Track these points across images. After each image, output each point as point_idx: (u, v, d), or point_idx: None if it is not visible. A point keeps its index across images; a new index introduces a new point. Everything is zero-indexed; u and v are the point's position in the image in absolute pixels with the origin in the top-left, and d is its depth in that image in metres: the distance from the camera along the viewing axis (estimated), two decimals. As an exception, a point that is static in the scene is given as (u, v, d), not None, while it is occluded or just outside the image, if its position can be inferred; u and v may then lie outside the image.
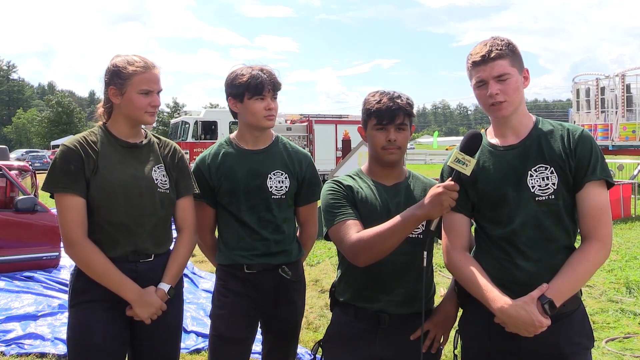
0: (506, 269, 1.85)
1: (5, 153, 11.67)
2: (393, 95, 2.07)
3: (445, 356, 4.07)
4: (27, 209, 6.11)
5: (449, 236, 1.99)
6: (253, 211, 2.42)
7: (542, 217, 1.83)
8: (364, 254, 1.93)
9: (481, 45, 1.89)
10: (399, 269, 2.04)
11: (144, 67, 2.21)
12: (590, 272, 1.83)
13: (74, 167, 2.13)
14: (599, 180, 1.82)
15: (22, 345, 4.22)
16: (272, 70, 2.45)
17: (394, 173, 2.15)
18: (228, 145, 2.51)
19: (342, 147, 16.12)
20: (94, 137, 2.23)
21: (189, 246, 2.36)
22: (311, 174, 2.55)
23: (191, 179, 2.40)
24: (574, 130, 1.88)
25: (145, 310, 2.16)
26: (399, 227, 1.88)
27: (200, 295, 5.63)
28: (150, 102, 2.22)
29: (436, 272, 6.40)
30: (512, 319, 1.74)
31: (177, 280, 2.30)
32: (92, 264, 2.13)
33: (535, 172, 1.85)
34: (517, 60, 1.88)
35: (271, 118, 2.42)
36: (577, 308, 1.89)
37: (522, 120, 1.93)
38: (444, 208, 1.84)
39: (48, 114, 56.31)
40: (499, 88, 1.84)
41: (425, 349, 2.07)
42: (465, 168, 1.82)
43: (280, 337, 2.54)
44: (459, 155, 1.85)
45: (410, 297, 2.06)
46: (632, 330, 4.57)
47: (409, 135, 2.13)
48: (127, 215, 2.17)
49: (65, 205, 2.12)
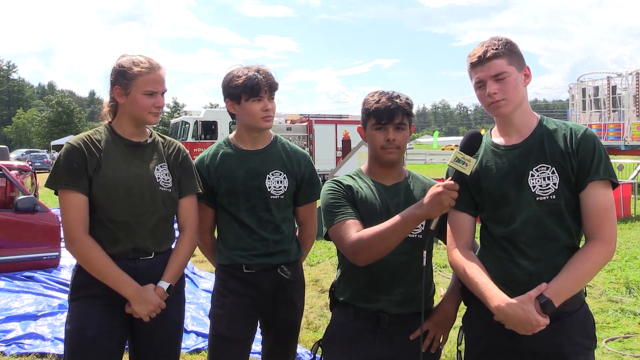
0: (507, 268, 1.86)
1: (5, 153, 11.69)
2: (392, 95, 2.08)
3: (445, 356, 4.09)
4: (27, 209, 6.11)
5: (453, 235, 1.99)
6: (252, 211, 2.42)
7: (543, 217, 1.83)
8: (364, 253, 1.94)
9: (479, 46, 1.91)
10: (398, 268, 2.05)
11: (149, 68, 2.23)
12: (592, 272, 1.82)
13: (77, 165, 2.16)
14: (602, 180, 1.80)
15: (22, 345, 4.22)
16: (269, 71, 2.44)
17: (394, 173, 2.16)
18: (227, 146, 2.51)
19: (342, 147, 16.14)
20: (98, 136, 2.27)
21: (190, 245, 2.37)
22: (310, 174, 2.55)
23: (195, 178, 2.41)
24: (577, 129, 1.86)
25: (144, 307, 2.17)
26: (399, 227, 1.89)
27: (200, 295, 5.64)
28: (154, 102, 2.25)
29: (436, 272, 6.40)
30: (509, 317, 1.75)
31: (177, 279, 2.30)
32: (91, 260, 2.15)
33: (536, 172, 1.84)
34: (516, 58, 1.88)
35: (268, 119, 2.42)
36: (579, 308, 1.88)
37: (525, 118, 1.92)
38: (444, 207, 1.86)
39: (48, 114, 56.30)
40: (497, 87, 1.86)
41: (425, 348, 2.07)
42: (465, 167, 1.84)
43: (280, 337, 2.54)
44: (458, 155, 1.86)
45: (410, 297, 2.06)
46: (632, 330, 4.58)
47: (408, 135, 2.13)
48: (128, 213, 2.19)
49: (67, 202, 2.15)
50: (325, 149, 20.84)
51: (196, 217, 2.39)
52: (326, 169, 17.44)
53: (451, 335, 2.18)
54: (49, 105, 58.88)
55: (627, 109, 16.30)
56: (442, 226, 2.09)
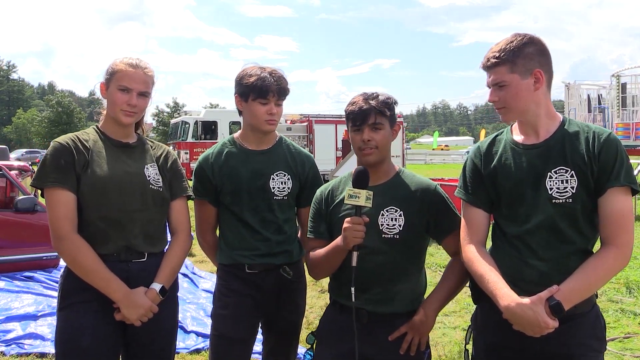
0: (517, 267, 1.85)
1: (5, 153, 11.68)
2: (368, 96, 2.09)
3: (443, 357, 4.09)
4: (27, 209, 6.10)
5: (467, 229, 1.99)
6: (255, 211, 2.42)
7: (557, 220, 1.81)
8: (312, 271, 2.22)
9: (491, 48, 1.90)
10: (374, 268, 2.05)
11: (130, 64, 2.19)
12: (605, 278, 1.79)
13: (65, 162, 2.11)
14: (622, 186, 1.77)
15: (22, 345, 4.23)
16: (283, 76, 2.43)
17: (377, 174, 2.13)
18: (231, 145, 2.50)
19: (342, 147, 16.12)
20: (86, 136, 2.23)
21: (183, 248, 2.32)
22: (314, 176, 2.55)
23: (185, 181, 2.38)
24: (600, 133, 1.82)
25: (133, 311, 2.09)
26: (330, 255, 2.07)
27: (200, 295, 5.63)
28: (128, 100, 2.16)
29: (436, 272, 6.40)
30: (517, 317, 1.74)
31: (170, 282, 2.25)
32: (80, 260, 2.08)
33: (554, 174, 1.82)
34: (521, 64, 1.83)
35: (272, 123, 2.41)
36: (589, 310, 1.86)
37: (542, 122, 1.89)
38: (350, 242, 1.93)
39: (48, 114, 56.21)
40: (497, 95, 1.87)
41: (403, 351, 2.06)
42: (359, 200, 1.93)
43: (281, 337, 2.54)
44: (350, 192, 1.95)
45: (389, 297, 2.07)
46: (632, 330, 4.59)
47: (387, 134, 2.10)
48: (118, 210, 2.14)
49: (55, 200, 2.08)
50: (325, 149, 20.83)
51: (188, 220, 2.37)
52: (326, 169, 17.40)
53: (458, 335, 2.17)
54: (49, 105, 58.78)
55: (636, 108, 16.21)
56: (441, 231, 2.11)
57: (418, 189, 2.12)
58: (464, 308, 5.05)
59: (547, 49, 1.88)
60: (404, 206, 2.07)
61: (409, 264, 2.11)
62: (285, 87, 2.42)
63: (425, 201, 2.09)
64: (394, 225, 2.05)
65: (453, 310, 5.01)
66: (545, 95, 1.88)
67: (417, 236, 2.10)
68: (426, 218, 2.09)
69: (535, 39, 1.86)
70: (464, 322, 4.70)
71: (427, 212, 2.09)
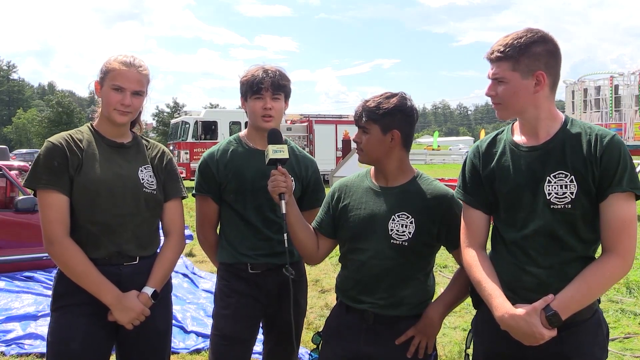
0: (516, 274, 1.80)
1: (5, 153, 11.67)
2: (366, 99, 2.11)
3: (443, 357, 4.09)
4: (27, 209, 6.10)
5: (467, 232, 1.94)
6: (259, 211, 2.42)
7: (556, 226, 1.75)
8: None
9: (498, 40, 1.84)
10: (381, 273, 2.04)
11: (124, 63, 2.16)
12: (605, 287, 1.74)
13: (58, 164, 2.07)
14: (625, 192, 1.69)
15: (22, 345, 4.23)
16: (280, 71, 2.44)
17: (387, 176, 2.12)
18: (237, 144, 2.51)
19: (342, 147, 16.16)
20: (80, 135, 2.19)
21: (176, 250, 2.29)
22: (316, 180, 2.57)
23: (180, 182, 2.37)
24: (603, 135, 1.73)
25: (125, 314, 2.07)
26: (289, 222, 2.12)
27: (200, 295, 5.64)
28: (121, 99, 2.13)
29: (436, 272, 6.40)
30: (511, 328, 1.71)
31: (163, 285, 2.22)
32: (71, 263, 2.06)
33: (553, 179, 1.75)
34: (524, 63, 1.76)
35: (268, 119, 2.41)
36: (590, 317, 1.79)
37: (542, 123, 1.81)
38: (274, 192, 2.07)
39: (48, 114, 56.24)
40: (494, 89, 1.83)
41: (410, 354, 2.05)
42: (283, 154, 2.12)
43: (282, 337, 2.53)
44: (273, 147, 2.11)
45: (395, 301, 2.05)
46: (632, 330, 4.59)
47: (376, 137, 2.06)
48: (109, 214, 2.10)
49: (47, 202, 2.05)
50: (325, 149, 20.90)
51: (182, 221, 2.35)
52: (326, 169, 17.44)
53: (458, 335, 2.17)
54: (49, 105, 58.83)
55: (629, 108, 16.29)
56: (452, 242, 2.06)
57: (433, 197, 2.06)
58: (464, 308, 5.05)
59: (559, 49, 1.80)
60: (415, 213, 2.03)
61: (416, 271, 2.08)
62: (279, 81, 2.41)
63: (439, 210, 2.04)
64: (404, 232, 2.01)
65: (453, 311, 5.00)
66: (547, 98, 1.80)
67: (426, 244, 2.05)
68: (437, 227, 2.04)
69: (548, 38, 1.78)
70: (464, 322, 4.71)
71: (440, 222, 2.04)
